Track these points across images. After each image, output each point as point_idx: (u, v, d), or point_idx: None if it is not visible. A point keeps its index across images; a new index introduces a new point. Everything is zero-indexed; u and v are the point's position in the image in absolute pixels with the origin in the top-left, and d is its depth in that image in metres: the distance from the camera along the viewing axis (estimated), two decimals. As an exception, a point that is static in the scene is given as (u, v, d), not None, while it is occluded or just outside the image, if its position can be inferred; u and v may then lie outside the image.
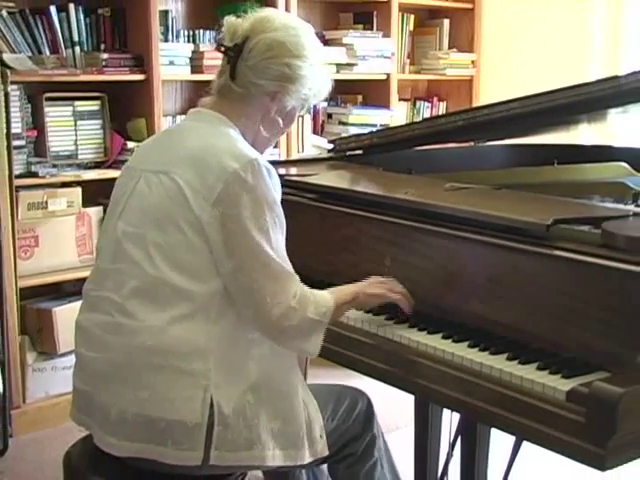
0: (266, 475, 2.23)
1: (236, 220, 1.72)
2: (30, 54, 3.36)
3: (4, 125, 3.20)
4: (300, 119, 4.23)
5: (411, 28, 4.78)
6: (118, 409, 1.75)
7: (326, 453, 1.89)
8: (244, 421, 1.75)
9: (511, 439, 2.15)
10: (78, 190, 3.49)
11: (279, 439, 1.80)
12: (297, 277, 1.80)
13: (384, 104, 4.49)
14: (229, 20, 1.92)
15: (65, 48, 3.47)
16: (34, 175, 3.35)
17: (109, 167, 3.61)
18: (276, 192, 1.80)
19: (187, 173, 1.77)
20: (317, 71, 1.93)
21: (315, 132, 4.41)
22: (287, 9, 4.01)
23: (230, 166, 1.74)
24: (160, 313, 1.74)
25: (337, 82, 4.78)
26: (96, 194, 3.62)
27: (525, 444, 2.01)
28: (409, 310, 1.94)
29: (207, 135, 1.84)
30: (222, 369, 1.74)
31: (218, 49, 1.92)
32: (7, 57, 3.24)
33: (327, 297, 1.83)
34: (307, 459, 1.84)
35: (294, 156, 4.10)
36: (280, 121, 1.95)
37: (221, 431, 1.73)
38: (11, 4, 3.35)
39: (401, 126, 2.96)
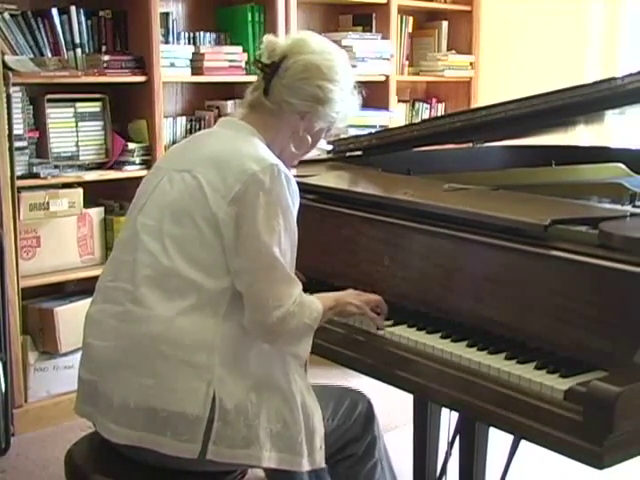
0: (267, 473, 2.25)
1: (249, 220, 1.76)
2: (32, 56, 3.36)
3: (6, 126, 3.21)
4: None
5: (410, 30, 4.79)
6: (121, 396, 1.77)
7: (323, 465, 1.90)
8: (245, 420, 1.77)
9: (509, 438, 2.16)
10: (79, 191, 3.49)
11: (277, 442, 1.81)
12: (299, 283, 1.83)
13: (383, 105, 4.50)
14: (269, 38, 1.98)
15: (66, 50, 3.48)
16: (36, 176, 3.36)
17: (110, 168, 3.62)
18: (292, 201, 1.84)
19: (209, 172, 1.82)
20: (346, 96, 1.98)
21: (315, 133, 4.42)
22: (287, 11, 4.02)
23: (250, 168, 1.78)
24: (168, 302, 1.77)
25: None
26: (97, 195, 3.64)
27: (523, 443, 2.02)
28: (381, 327, 1.96)
29: (232, 140, 1.90)
30: (227, 365, 1.76)
31: (256, 65, 1.97)
32: (9, 59, 3.24)
33: (317, 303, 1.86)
34: (305, 467, 1.85)
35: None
36: (309, 139, 2.00)
37: (220, 426, 1.75)
38: (13, 6, 3.36)
39: (400, 127, 2.96)
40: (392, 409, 3.06)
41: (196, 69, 3.83)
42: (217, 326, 1.77)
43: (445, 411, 2.25)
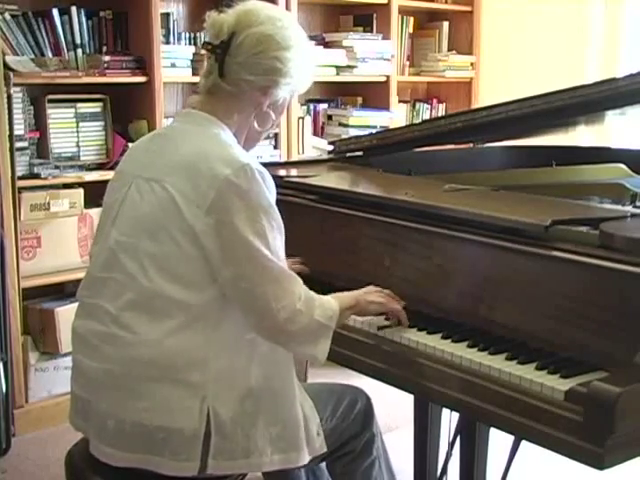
0: (265, 475, 2.24)
1: (231, 227, 1.69)
2: (33, 56, 3.37)
3: (7, 127, 3.21)
4: (300, 121, 4.25)
5: (411, 30, 4.80)
6: (116, 419, 1.73)
7: (325, 450, 1.88)
8: (242, 431, 1.74)
9: (510, 438, 2.16)
10: (80, 191, 3.50)
11: (278, 444, 1.79)
12: (299, 279, 1.78)
13: (384, 106, 4.51)
14: (213, 16, 1.85)
15: (67, 50, 3.48)
16: (36, 176, 3.36)
17: (111, 168, 3.60)
18: (271, 195, 1.77)
19: (179, 181, 1.73)
20: (303, 60, 1.88)
21: (315, 134, 4.42)
22: (288, 11, 4.02)
23: (222, 173, 1.70)
24: (156, 325, 1.72)
25: (337, 84, 4.78)
26: (98, 195, 3.57)
27: (524, 443, 2.02)
28: (405, 323, 1.93)
29: (199, 140, 1.80)
30: (221, 377, 1.73)
31: (204, 47, 1.87)
32: (10, 59, 3.25)
33: (332, 302, 1.81)
34: (307, 459, 1.84)
35: (294, 157, 4.12)
36: (272, 114, 1.91)
37: (218, 440, 1.72)
38: (14, 7, 3.37)
39: (401, 128, 2.97)
40: (393, 409, 3.06)
41: (197, 69, 3.82)
42: (208, 340, 1.72)
43: (446, 411, 2.25)
